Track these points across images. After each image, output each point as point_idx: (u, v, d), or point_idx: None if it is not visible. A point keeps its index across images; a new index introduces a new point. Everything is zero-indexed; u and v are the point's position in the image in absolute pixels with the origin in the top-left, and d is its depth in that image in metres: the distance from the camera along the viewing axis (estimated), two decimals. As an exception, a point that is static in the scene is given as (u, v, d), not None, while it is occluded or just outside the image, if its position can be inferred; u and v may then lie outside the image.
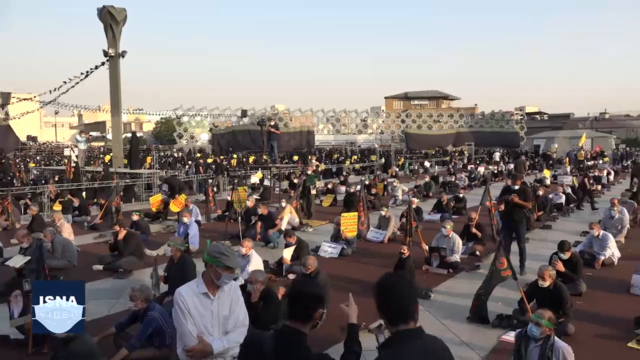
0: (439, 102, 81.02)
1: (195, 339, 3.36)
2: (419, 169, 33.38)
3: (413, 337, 2.21)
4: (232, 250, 3.65)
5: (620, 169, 33.13)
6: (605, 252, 9.18)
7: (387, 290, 2.30)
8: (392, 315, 2.26)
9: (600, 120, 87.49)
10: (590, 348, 5.54)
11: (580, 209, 16.37)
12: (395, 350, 2.19)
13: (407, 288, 2.28)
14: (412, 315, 2.25)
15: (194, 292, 3.47)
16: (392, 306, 2.26)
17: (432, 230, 10.94)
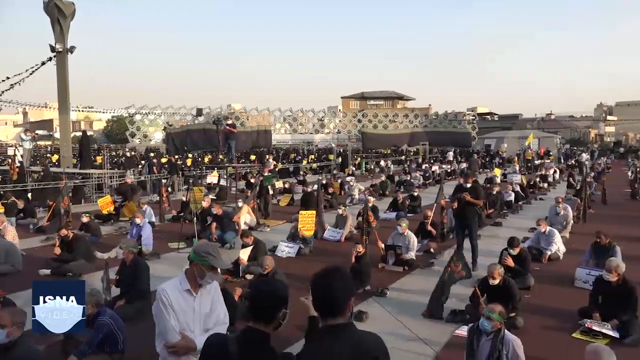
0: (395, 102, 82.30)
1: (178, 335, 3.38)
2: (375, 168, 33.78)
3: (338, 332, 2.22)
4: (220, 251, 3.64)
5: (564, 168, 34.65)
6: (552, 247, 9.58)
7: (320, 285, 2.32)
8: (322, 309, 2.29)
9: (547, 121, 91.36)
10: (538, 339, 5.76)
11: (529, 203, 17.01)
12: (318, 343, 2.21)
13: (339, 284, 2.29)
14: (342, 310, 2.27)
15: (177, 288, 3.49)
16: (322, 301, 2.28)
17: (388, 228, 11.10)
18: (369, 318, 6.42)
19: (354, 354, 2.20)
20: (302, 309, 2.81)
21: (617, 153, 55.26)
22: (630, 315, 5.91)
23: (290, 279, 7.50)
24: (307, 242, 10.52)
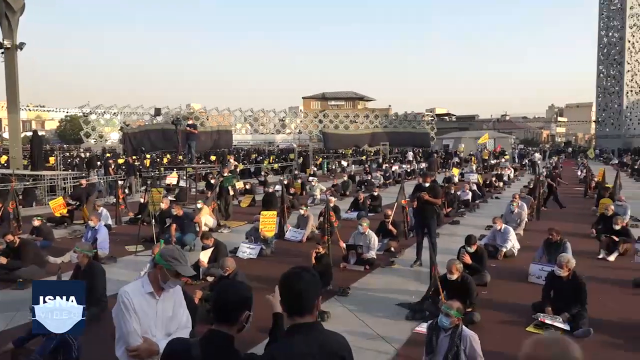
0: (355, 102, 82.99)
1: (140, 339, 3.31)
2: (337, 169, 33.98)
3: (305, 331, 2.23)
4: (186, 257, 3.59)
5: (519, 167, 35.85)
6: (507, 244, 9.89)
7: (288, 284, 2.32)
8: (290, 308, 2.29)
9: (502, 122, 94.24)
10: (494, 334, 5.93)
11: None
12: (284, 342, 2.21)
13: (307, 283, 2.30)
14: (309, 309, 2.28)
15: (140, 291, 3.42)
16: (290, 299, 2.28)
17: (349, 228, 11.19)
18: (331, 317, 6.45)
19: (322, 354, 2.20)
20: (265, 310, 2.79)
21: (567, 153, 57.64)
22: (579, 308, 6.17)
23: (251, 280, 7.45)
24: (268, 243, 10.47)
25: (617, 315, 6.55)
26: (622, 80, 56.44)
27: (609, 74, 57.98)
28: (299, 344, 2.18)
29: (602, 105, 59.51)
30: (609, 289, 7.70)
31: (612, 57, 57.42)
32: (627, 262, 9.03)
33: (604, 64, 58.28)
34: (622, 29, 55.87)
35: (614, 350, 5.52)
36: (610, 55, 57.56)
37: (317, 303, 2.33)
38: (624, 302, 7.12)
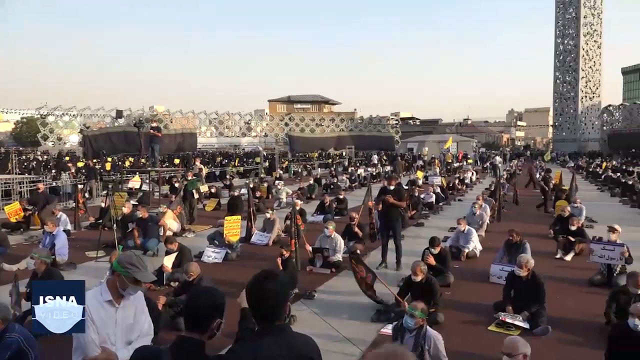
0: (321, 106, 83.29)
1: (97, 349, 3.23)
2: (303, 172, 34.00)
3: (274, 333, 2.24)
4: (145, 263, 3.51)
5: (480, 170, 36.74)
6: (470, 245, 10.12)
7: (257, 288, 2.30)
8: (259, 313, 2.28)
9: (464, 126, 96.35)
10: (457, 333, 6.05)
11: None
12: (253, 344, 2.21)
13: (276, 287, 2.30)
14: (279, 314, 2.28)
15: (98, 299, 3.32)
16: (260, 303, 2.27)
17: (315, 231, 11.21)
18: (297, 321, 6.44)
19: (291, 356, 2.21)
20: (232, 316, 2.76)
21: (525, 156, 59.42)
22: (538, 307, 6.36)
23: (217, 284, 7.36)
24: (233, 247, 10.38)
25: (574, 313, 6.78)
26: (577, 86, 58.63)
27: (564, 80, 60.11)
28: (269, 346, 2.18)
29: (559, 110, 61.65)
30: (566, 287, 7.97)
31: (567, 63, 59.57)
32: (582, 262, 9.36)
33: (560, 71, 60.39)
34: (576, 37, 58.07)
35: (572, 347, 5.71)
36: (566, 62, 59.70)
37: (285, 306, 2.33)
38: (580, 300, 7.38)
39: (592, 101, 59.64)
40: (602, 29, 58.81)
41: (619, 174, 25.84)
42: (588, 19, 57.90)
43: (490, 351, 5.30)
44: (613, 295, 6.19)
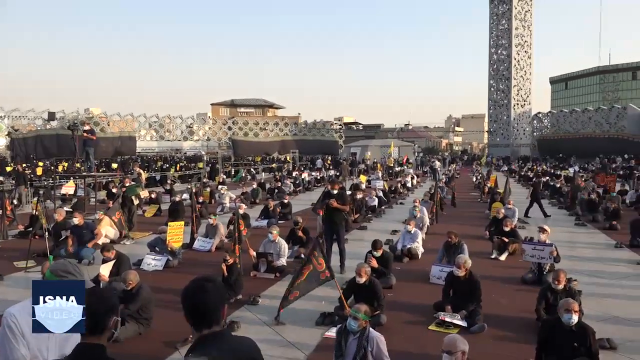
0: (265, 110, 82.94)
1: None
2: (247, 176, 33.68)
3: (216, 340, 2.21)
4: (81, 270, 3.34)
5: (420, 174, 37.82)
6: (413, 243, 10.39)
7: (192, 295, 2.28)
8: (196, 321, 2.25)
9: (405, 131, 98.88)
10: (399, 334, 6.19)
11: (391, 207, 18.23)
12: (199, 353, 2.18)
13: (212, 293, 2.27)
14: (217, 320, 2.26)
15: (29, 312, 3.09)
16: (196, 310, 2.25)
17: (260, 236, 11.14)
18: (241, 327, 6.36)
19: (234, 359, 2.18)
20: (172, 326, 2.70)
21: (463, 160, 61.73)
22: (475, 306, 6.63)
23: (158, 293, 7.16)
24: (175, 253, 10.11)
25: (507, 310, 7.11)
26: (510, 94, 61.57)
27: (498, 88, 62.98)
28: (211, 352, 2.14)
29: (493, 116, 64.52)
30: (500, 286, 8.33)
31: (501, 72, 62.47)
32: (515, 261, 9.84)
33: (494, 79, 63.23)
34: (509, 47, 61.02)
35: (505, 343, 5.98)
36: (499, 71, 62.58)
37: (223, 312, 2.30)
38: (513, 298, 7.74)
39: (524, 108, 62.83)
40: (532, 40, 62.29)
41: (547, 177, 27.33)
42: (519, 30, 61.00)
43: (431, 350, 5.46)
44: (542, 293, 6.55)
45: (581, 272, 8.98)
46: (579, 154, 47.54)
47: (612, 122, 54.64)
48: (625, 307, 7.17)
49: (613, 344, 5.71)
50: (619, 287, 8.30)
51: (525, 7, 61.22)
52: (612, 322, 6.59)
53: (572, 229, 14.23)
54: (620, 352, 5.60)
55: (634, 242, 11.36)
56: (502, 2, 61.16)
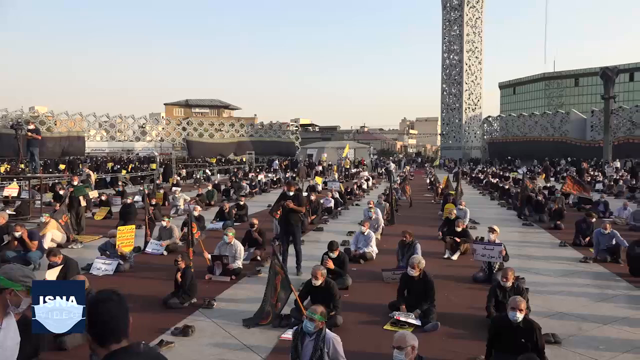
0: (220, 111, 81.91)
1: None
2: (201, 178, 33.16)
3: (127, 355, 2.14)
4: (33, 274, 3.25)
5: (376, 175, 38.34)
6: (368, 248, 10.50)
7: (96, 311, 2.22)
8: (101, 336, 2.18)
9: (361, 133, 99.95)
10: (355, 334, 6.24)
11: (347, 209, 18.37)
12: None
13: (116, 306, 2.21)
14: (124, 333, 2.20)
15: None
16: (100, 326, 2.18)
17: (215, 238, 10.97)
18: (195, 332, 6.24)
19: None
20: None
21: (417, 162, 63.08)
22: (429, 305, 6.77)
23: (107, 298, 6.92)
24: (127, 257, 9.81)
25: (459, 308, 7.30)
26: (462, 98, 63.46)
27: (450, 92, 64.78)
28: None
29: (446, 120, 66.29)
30: (453, 285, 8.55)
31: (453, 77, 64.27)
32: (467, 261, 10.13)
33: (446, 83, 64.99)
34: (460, 53, 62.89)
35: (458, 340, 6.14)
36: (451, 76, 64.38)
37: (129, 325, 2.24)
38: (465, 296, 7.95)
39: (475, 112, 64.89)
40: (483, 46, 64.44)
41: (497, 179, 28.30)
42: (470, 36, 62.98)
43: (386, 349, 5.52)
44: (492, 291, 6.76)
45: (528, 270, 9.33)
46: (527, 156, 49.52)
47: (556, 126, 57.24)
48: (568, 303, 7.51)
49: (558, 338, 5.97)
50: (563, 284, 8.68)
51: (476, 14, 63.25)
52: (557, 317, 6.89)
53: (520, 229, 14.79)
54: (564, 346, 5.86)
55: (577, 241, 11.93)
56: (454, 9, 62.97)
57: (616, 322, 6.70)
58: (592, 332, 6.36)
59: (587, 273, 9.46)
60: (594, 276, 9.25)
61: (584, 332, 6.34)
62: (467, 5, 61.73)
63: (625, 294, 8.11)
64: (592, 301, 7.67)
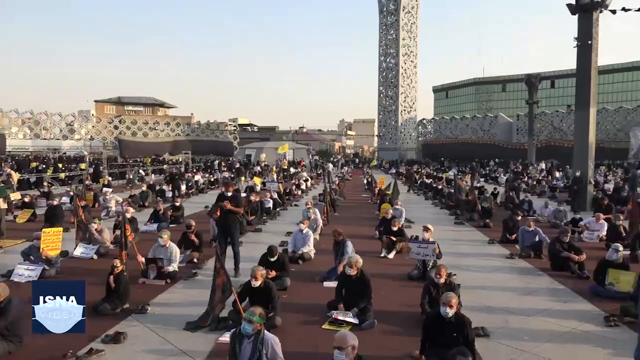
0: (155, 109, 79.44)
1: None
2: (134, 178, 31.97)
3: None
4: None
5: (315, 176, 38.56)
6: (305, 247, 10.54)
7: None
8: None
9: (300, 134, 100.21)
10: (294, 334, 6.24)
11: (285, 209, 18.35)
12: None
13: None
14: None
15: None
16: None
17: (149, 241, 10.62)
18: (127, 338, 5.99)
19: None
20: (46, 341, 2.46)
21: (354, 163, 64.08)
22: (366, 303, 6.89)
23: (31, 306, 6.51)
24: (52, 262, 9.28)
25: (395, 306, 7.48)
26: (398, 101, 65.11)
27: (387, 95, 66.28)
28: None
29: (382, 121, 67.76)
30: (389, 283, 8.75)
31: (389, 80, 65.82)
32: (403, 259, 10.40)
33: (383, 86, 66.42)
34: (396, 56, 64.54)
35: (394, 337, 6.29)
36: (388, 78, 65.90)
37: None
38: (401, 293, 8.16)
39: (410, 114, 66.80)
40: (418, 51, 66.44)
41: (430, 179, 29.29)
42: (406, 41, 64.74)
43: (325, 349, 5.57)
44: (426, 288, 6.99)
45: (460, 267, 9.73)
46: (459, 158, 51.61)
47: (485, 129, 60.16)
48: (496, 298, 7.90)
49: (487, 331, 6.27)
50: (492, 279, 9.13)
51: (412, 19, 65.11)
52: (486, 311, 7.23)
53: (452, 227, 15.38)
54: (493, 339, 6.16)
55: (504, 238, 12.57)
56: (390, 13, 64.51)
57: (539, 313, 7.13)
58: (517, 324, 6.73)
59: (513, 268, 10.01)
60: (519, 271, 9.79)
61: (510, 325, 6.69)
62: (402, 11, 63.42)
63: (547, 287, 8.65)
64: (517, 295, 8.12)
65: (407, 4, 63.91)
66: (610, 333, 6.39)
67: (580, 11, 18.51)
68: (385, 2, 64.31)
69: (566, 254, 9.55)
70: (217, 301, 6.62)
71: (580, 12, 18.53)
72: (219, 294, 6.63)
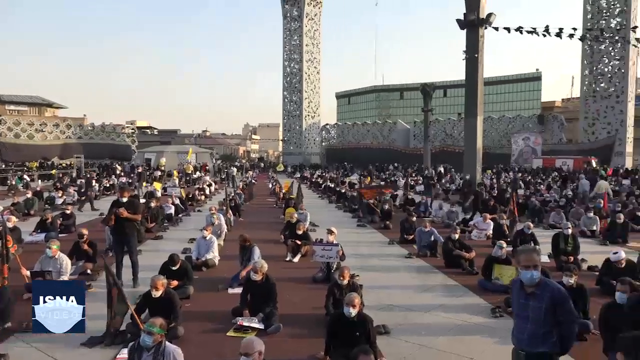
0: (42, 109, 73.35)
1: None
2: (16, 184, 29.24)
3: None
4: None
5: (219, 181, 37.83)
6: (209, 254, 10.29)
7: None
8: None
9: (203, 137, 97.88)
10: (198, 344, 6.07)
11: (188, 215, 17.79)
12: None
13: None
14: None
15: None
16: None
17: (36, 252, 9.76)
18: (10, 360, 5.45)
19: None
20: None
21: (260, 167, 63.84)
22: (272, 307, 6.88)
23: None
24: None
25: (300, 309, 7.56)
26: (302, 106, 65.93)
27: (291, 100, 66.85)
28: None
29: (287, 126, 68.21)
30: (294, 286, 8.81)
31: (293, 85, 66.46)
32: (307, 262, 10.53)
33: (287, 91, 66.91)
34: (300, 62, 65.37)
35: (299, 340, 6.34)
36: (292, 84, 66.51)
37: None
38: (305, 296, 8.25)
39: (314, 119, 67.91)
40: (321, 57, 67.80)
41: (334, 183, 29.96)
42: (309, 47, 65.80)
43: (230, 356, 5.48)
44: (330, 289, 7.14)
45: (362, 268, 10.05)
46: (361, 162, 53.39)
47: (385, 135, 62.91)
48: (396, 296, 8.28)
49: (387, 329, 6.54)
50: (392, 278, 9.55)
51: (315, 26, 66.36)
52: (387, 309, 7.54)
53: (355, 229, 15.86)
54: (393, 335, 6.44)
55: (402, 238, 13.21)
56: (294, 20, 65.26)
57: (435, 309, 7.58)
58: (416, 320, 7.11)
59: (411, 267, 10.55)
60: (417, 270, 10.34)
61: (409, 321, 7.05)
62: (306, 17, 64.42)
63: (442, 284, 9.23)
64: (416, 292, 8.57)
65: (310, 11, 65.06)
66: (495, 323, 6.97)
67: (468, 27, 20.06)
68: (289, 8, 64.93)
69: (458, 252, 10.27)
70: (113, 315, 6.23)
71: (468, 28, 20.09)
72: (117, 308, 6.24)
